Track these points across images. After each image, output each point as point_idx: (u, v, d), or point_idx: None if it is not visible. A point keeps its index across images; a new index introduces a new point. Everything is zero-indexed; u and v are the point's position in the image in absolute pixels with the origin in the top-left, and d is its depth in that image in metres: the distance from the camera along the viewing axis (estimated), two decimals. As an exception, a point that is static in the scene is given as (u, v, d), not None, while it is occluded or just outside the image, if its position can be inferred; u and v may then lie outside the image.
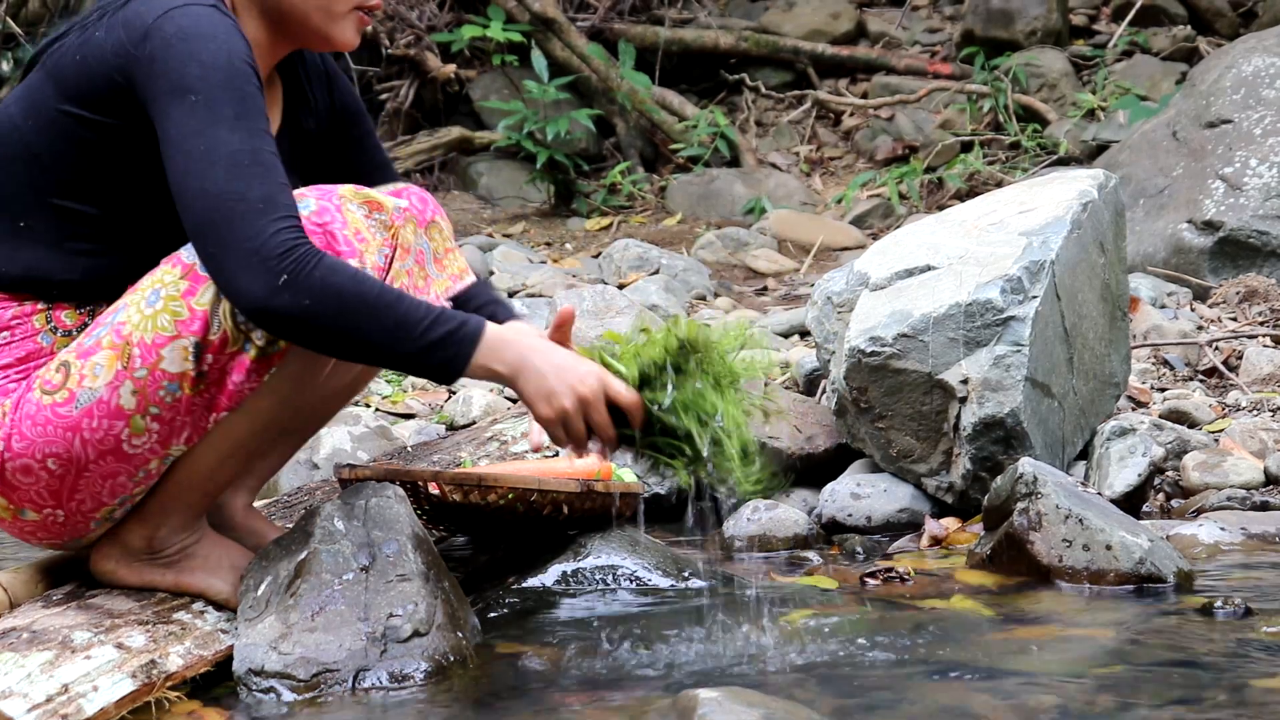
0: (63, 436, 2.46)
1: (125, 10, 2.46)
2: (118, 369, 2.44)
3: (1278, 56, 5.55)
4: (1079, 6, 8.62)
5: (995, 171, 7.30)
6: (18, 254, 2.51)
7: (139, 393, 2.44)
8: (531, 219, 7.59)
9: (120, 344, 2.44)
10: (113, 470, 2.49)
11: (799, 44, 8.55)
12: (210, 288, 2.40)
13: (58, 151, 2.48)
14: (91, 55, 2.46)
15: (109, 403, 2.45)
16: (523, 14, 8.12)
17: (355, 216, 2.51)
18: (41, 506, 2.51)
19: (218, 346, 2.43)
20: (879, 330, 3.28)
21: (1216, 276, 5.13)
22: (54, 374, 2.47)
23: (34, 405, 2.46)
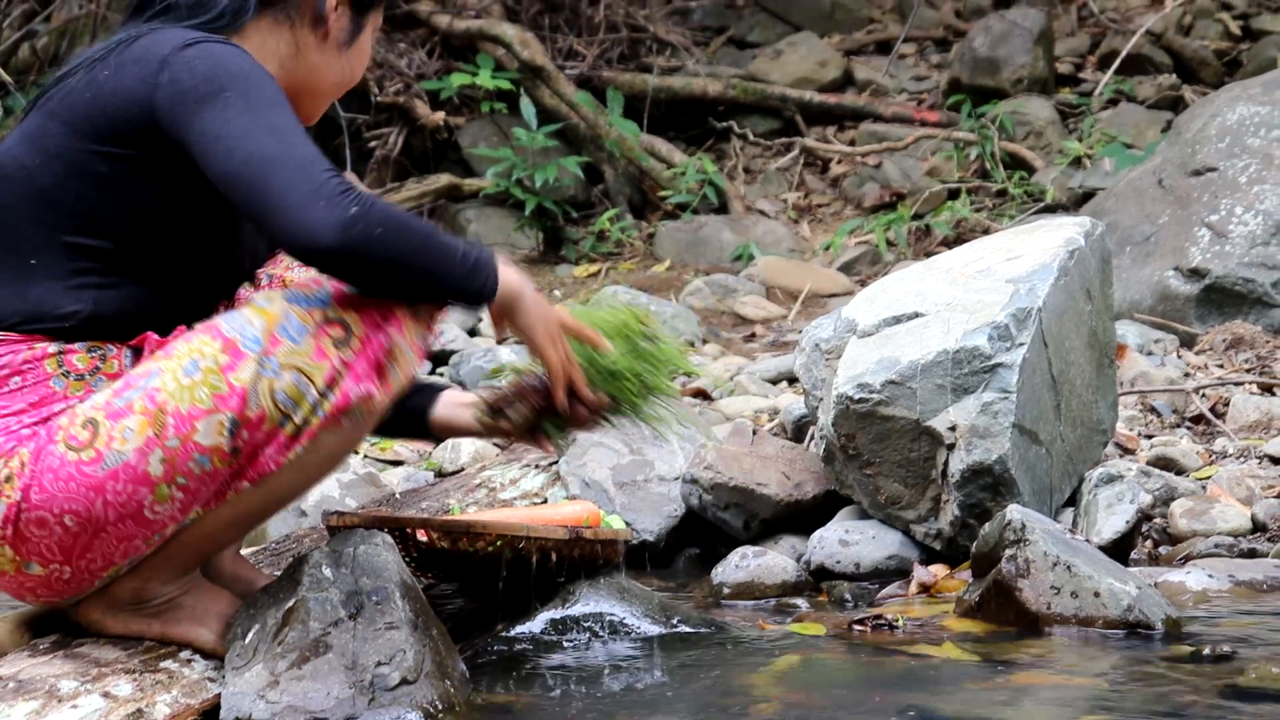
0: (85, 495, 2.44)
1: (133, 48, 2.50)
2: (149, 436, 2.43)
3: (1262, 105, 5.58)
4: (1064, 55, 8.66)
5: (982, 219, 7.32)
6: (28, 291, 2.50)
7: (168, 462, 2.44)
8: (520, 265, 7.60)
9: (154, 411, 2.43)
10: (130, 534, 2.48)
11: (787, 91, 8.59)
12: (250, 364, 2.43)
13: (69, 188, 2.50)
14: (103, 92, 2.49)
15: (136, 468, 2.44)
16: (511, 62, 8.15)
17: None
18: (49, 561, 2.49)
19: (255, 423, 2.45)
20: (867, 377, 3.29)
21: (1203, 324, 5.15)
22: (80, 430, 2.45)
23: (57, 459, 2.44)
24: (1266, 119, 5.51)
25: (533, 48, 8.17)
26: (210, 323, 2.48)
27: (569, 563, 2.90)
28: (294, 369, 2.44)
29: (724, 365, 5.25)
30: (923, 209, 7.57)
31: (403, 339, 2.52)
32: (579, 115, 8.08)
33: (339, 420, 2.49)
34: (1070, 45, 8.79)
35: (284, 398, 2.44)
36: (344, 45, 2.71)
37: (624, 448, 3.67)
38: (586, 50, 8.68)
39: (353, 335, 2.48)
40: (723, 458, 3.51)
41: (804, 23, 9.53)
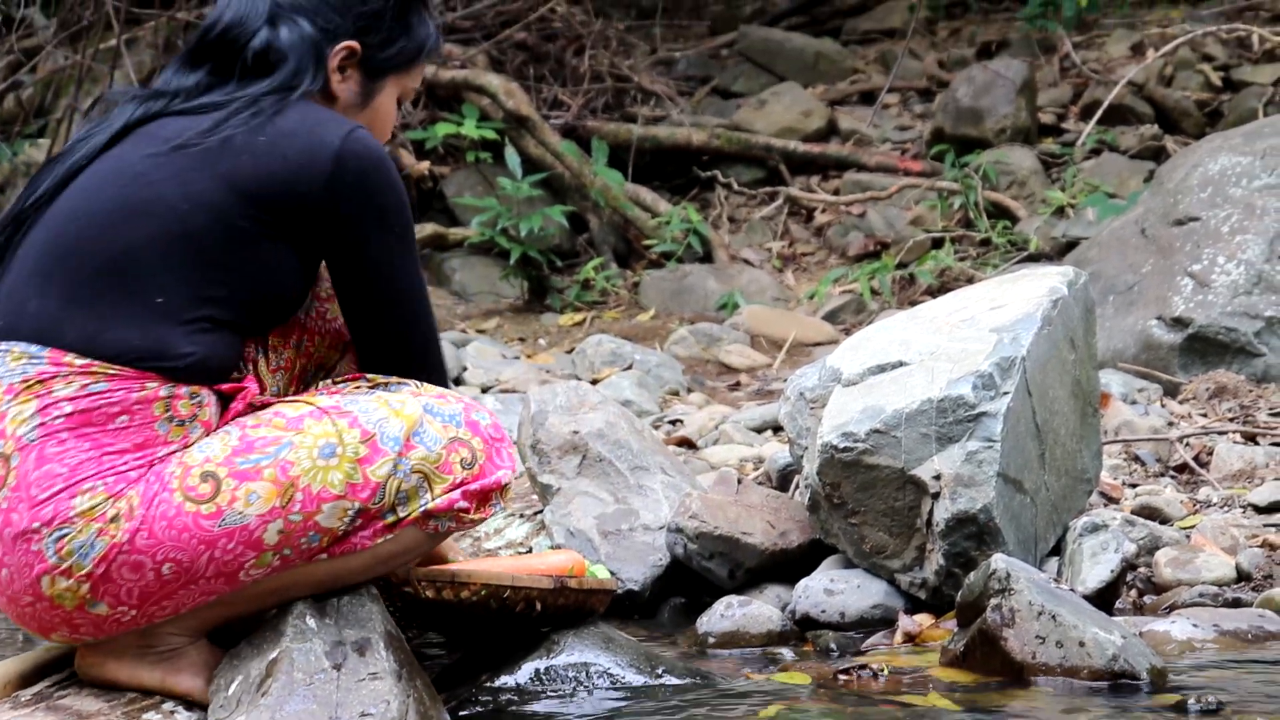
0: (194, 547, 2.47)
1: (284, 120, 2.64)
2: (275, 505, 2.50)
3: (1243, 155, 5.61)
4: (1047, 105, 8.71)
5: (966, 268, 7.34)
6: (151, 330, 2.54)
7: (285, 534, 2.50)
8: (505, 315, 7.61)
9: (285, 483, 2.49)
10: (215, 589, 2.52)
11: (771, 141, 8.62)
12: (388, 462, 2.57)
13: (212, 237, 2.57)
14: (266, 159, 2.61)
15: (253, 533, 2.49)
16: (497, 112, 8.18)
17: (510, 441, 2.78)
18: (120, 604, 2.50)
19: (373, 514, 2.57)
20: (851, 426, 3.29)
21: (1186, 373, 5.16)
22: (201, 483, 2.48)
23: (173, 508, 2.47)
24: (1248, 169, 5.54)
25: (518, 97, 8.20)
26: (341, 407, 2.60)
27: (554, 612, 2.89)
28: (422, 474, 2.60)
29: (709, 414, 5.25)
30: (907, 258, 7.59)
31: (513, 478, 2.70)
32: (564, 165, 8.10)
33: (429, 521, 2.63)
34: (1053, 96, 8.84)
35: (403, 495, 2.58)
36: (357, 108, 2.80)
37: (609, 497, 3.67)
38: (571, 100, 8.71)
39: (477, 461, 2.66)
40: (708, 507, 3.51)
41: (788, 73, 9.57)
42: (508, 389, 5.73)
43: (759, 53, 9.80)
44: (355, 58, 2.79)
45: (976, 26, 10.12)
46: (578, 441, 3.74)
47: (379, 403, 2.61)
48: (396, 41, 2.83)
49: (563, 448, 3.74)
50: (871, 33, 10.37)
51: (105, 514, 2.46)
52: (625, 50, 9.67)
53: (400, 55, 2.83)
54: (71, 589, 2.47)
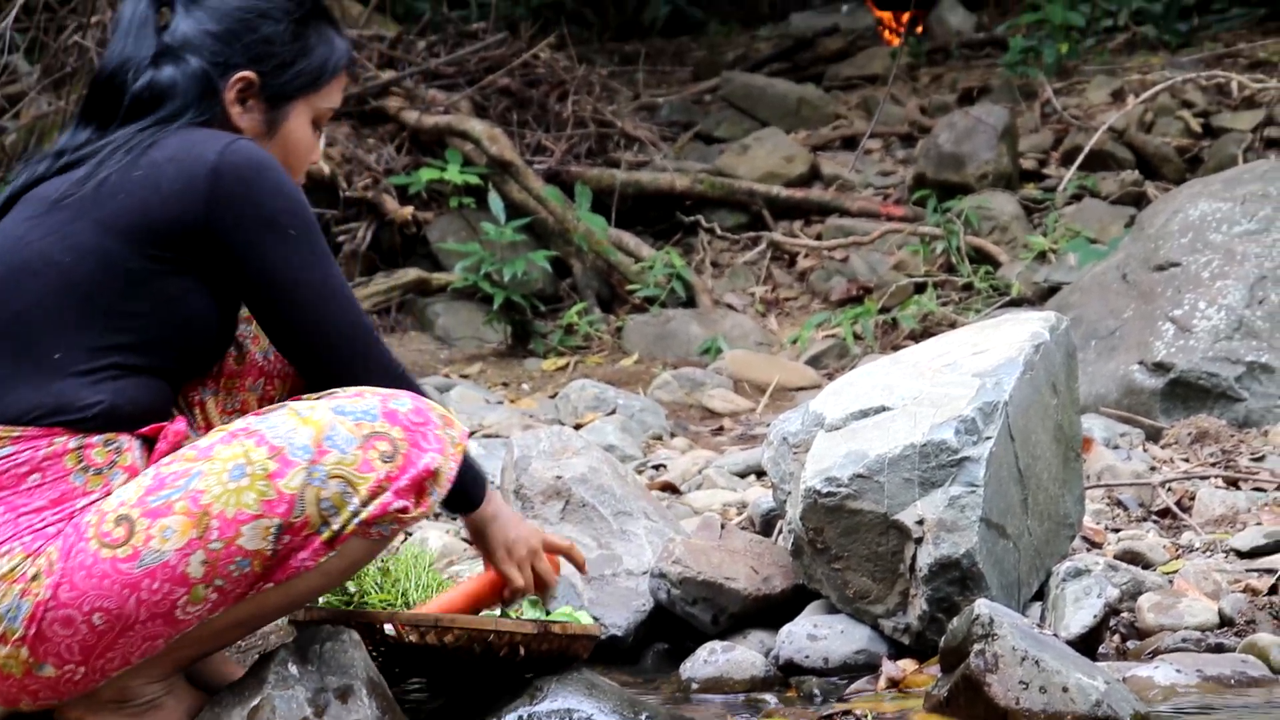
0: (118, 592, 2.43)
1: (158, 151, 2.56)
2: (191, 537, 2.45)
3: (1223, 202, 5.63)
4: (1028, 151, 8.74)
5: (948, 312, 7.36)
6: (50, 385, 2.51)
7: (209, 564, 2.45)
8: (488, 360, 7.61)
9: (197, 513, 2.45)
10: (155, 633, 2.47)
11: (754, 186, 8.64)
12: (300, 472, 2.48)
13: (101, 285, 2.53)
14: (140, 193, 2.54)
15: (175, 568, 2.44)
16: (480, 157, 8.19)
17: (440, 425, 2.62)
18: (65, 662, 2.46)
19: (297, 529, 2.49)
20: (835, 471, 3.29)
21: (1168, 417, 5.17)
22: (115, 528, 2.45)
23: (90, 556, 2.44)
24: (1228, 215, 5.57)
25: (501, 143, 8.22)
26: (249, 427, 2.53)
27: (538, 657, 2.89)
28: (341, 478, 2.50)
29: (692, 459, 5.25)
30: (889, 303, 7.60)
31: (445, 461, 2.57)
32: (547, 210, 8.11)
33: (370, 529, 2.54)
34: (1034, 141, 8.87)
35: (328, 505, 2.50)
36: (264, 138, 2.72)
37: (592, 542, 3.66)
38: (555, 145, 8.73)
39: (399, 452, 2.55)
40: (691, 552, 3.50)
41: (770, 119, 9.61)
42: (491, 434, 5.73)
43: (741, 98, 9.84)
44: (254, 88, 2.71)
45: (958, 73, 10.17)
46: (561, 487, 3.74)
47: (288, 414, 2.55)
48: (294, 64, 2.73)
49: (546, 493, 3.74)
50: (853, 79, 10.41)
51: (25, 574, 2.43)
52: (608, 96, 9.70)
53: (300, 78, 2.74)
54: (12, 655, 2.45)
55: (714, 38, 12.40)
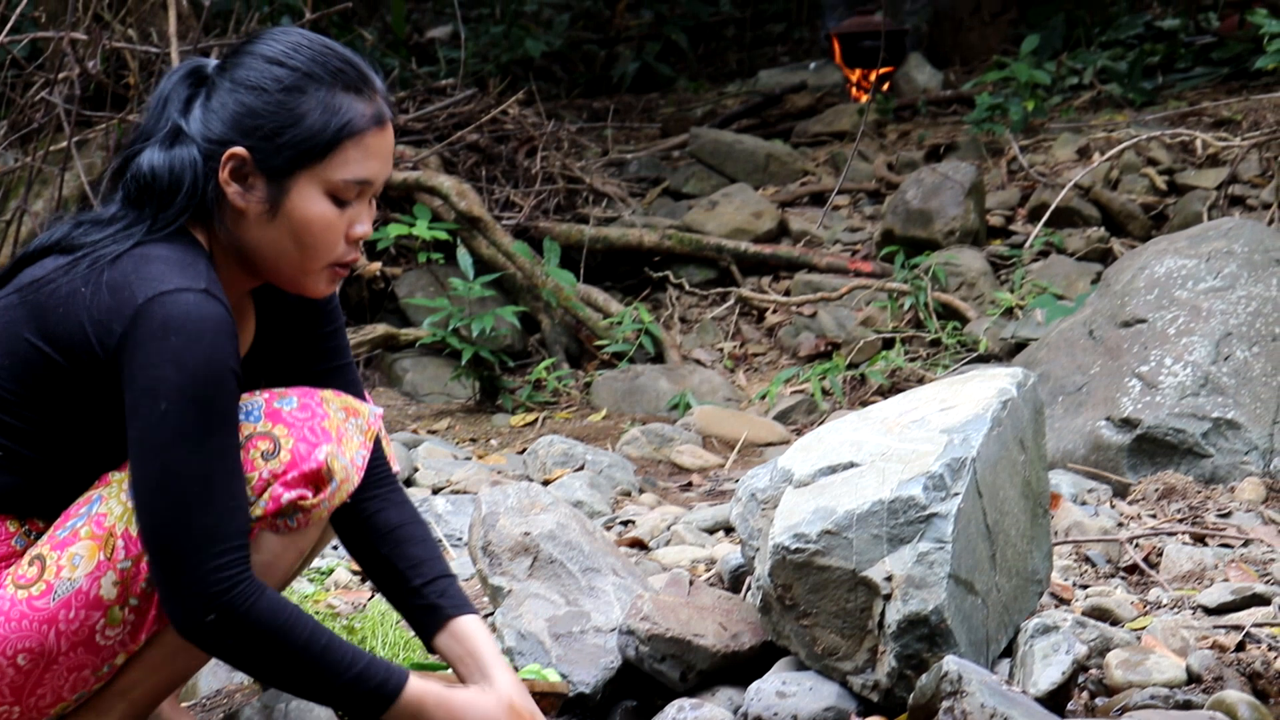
0: (38, 630, 2.45)
1: (113, 271, 2.51)
2: (100, 559, 2.46)
3: (1189, 258, 5.67)
4: (995, 208, 8.79)
5: (917, 368, 7.38)
6: None
7: (121, 584, 2.46)
8: (457, 415, 7.59)
9: (102, 535, 2.46)
10: (80, 662, 2.47)
11: (722, 242, 8.67)
12: None
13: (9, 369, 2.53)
14: (75, 308, 2.50)
15: (88, 593, 2.45)
16: (449, 212, 8.20)
17: (336, 417, 2.58)
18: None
19: None
20: (803, 527, 3.29)
21: (1135, 473, 5.18)
22: (28, 568, 2.46)
23: (7, 601, 2.45)
24: (1193, 272, 5.60)
25: (470, 199, 8.23)
26: None
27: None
28: None
29: (661, 515, 5.24)
30: (858, 358, 7.62)
31: (340, 451, 2.55)
32: (516, 265, 8.12)
33: (274, 523, 2.54)
34: (1001, 198, 8.92)
35: None
36: (267, 216, 2.62)
37: (560, 599, 3.65)
38: (523, 201, 8.74)
39: (281, 449, 2.54)
40: (659, 608, 3.49)
41: (738, 175, 9.64)
42: (459, 490, 5.71)
43: (710, 154, 9.88)
44: (248, 164, 2.60)
45: (925, 129, 10.23)
46: (529, 543, 3.73)
47: None
48: (282, 135, 2.59)
49: (514, 549, 3.73)
50: (821, 135, 10.47)
51: None
52: (577, 152, 9.73)
53: (293, 149, 2.59)
54: None
55: (682, 94, 12.46)
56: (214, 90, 2.62)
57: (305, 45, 2.63)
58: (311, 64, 2.61)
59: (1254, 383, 5.27)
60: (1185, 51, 10.93)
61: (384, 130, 2.65)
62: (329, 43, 2.66)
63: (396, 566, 2.81)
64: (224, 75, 2.62)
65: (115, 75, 8.05)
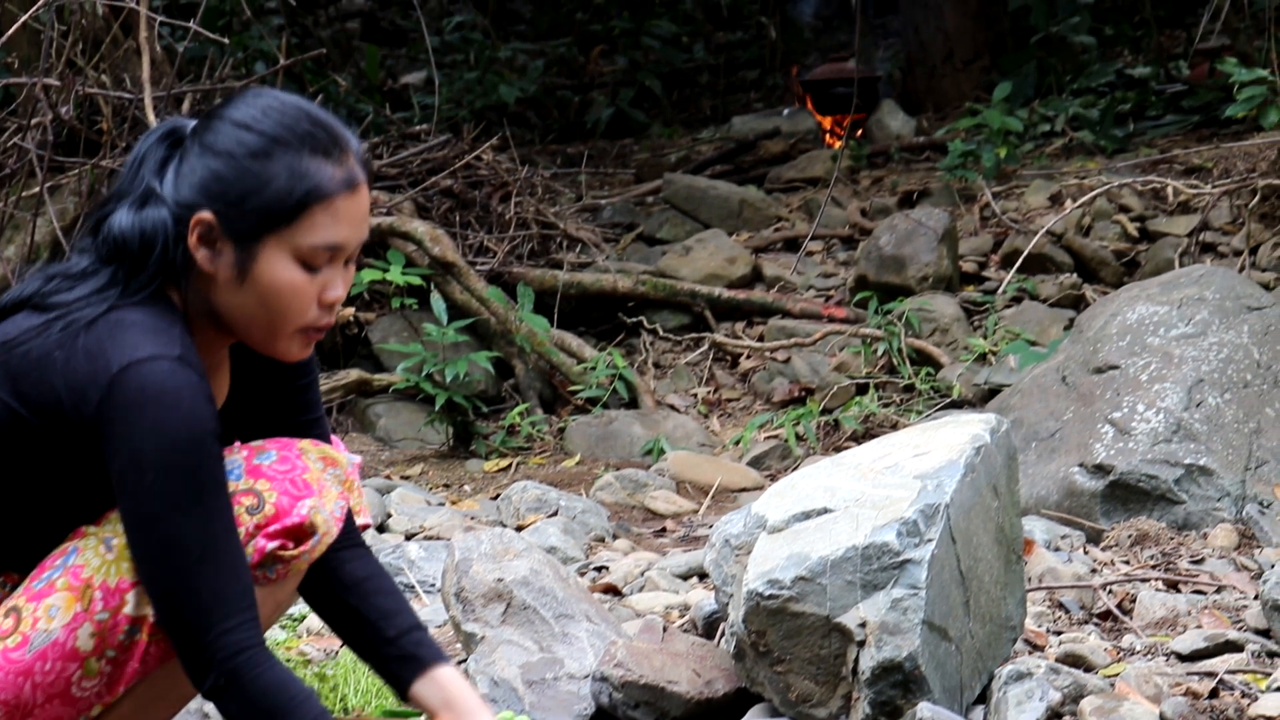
0: (13, 682, 2.44)
1: (88, 336, 2.48)
2: (77, 611, 2.45)
3: (1161, 305, 5.69)
4: (968, 254, 8.82)
5: (890, 414, 7.38)
6: None
7: (98, 635, 2.46)
8: (430, 461, 7.57)
9: (79, 586, 2.46)
10: (56, 715, 2.47)
11: (696, 288, 8.67)
12: None
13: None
14: (49, 373, 2.49)
15: (65, 644, 2.45)
16: (422, 258, 8.20)
17: (315, 468, 2.58)
18: None
19: None
20: (777, 573, 3.29)
21: (1109, 519, 5.19)
22: (3, 620, 2.46)
23: None
24: (1165, 318, 5.62)
25: (443, 244, 8.23)
26: None
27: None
28: None
29: (634, 561, 5.23)
30: (831, 404, 7.62)
31: (321, 504, 2.55)
32: (489, 311, 8.11)
33: (255, 574, 2.53)
34: (974, 244, 8.95)
35: None
36: (235, 281, 2.59)
37: (534, 645, 3.64)
38: (497, 247, 8.74)
39: (266, 502, 2.55)
40: (633, 655, 3.48)
41: (712, 220, 9.66)
42: (432, 536, 5.70)
43: (684, 200, 9.90)
44: (215, 230, 2.57)
45: (898, 176, 10.26)
46: (502, 589, 3.72)
47: None
48: (249, 199, 2.55)
49: (487, 595, 3.71)
50: (795, 181, 10.49)
51: None
52: (551, 197, 9.74)
53: (260, 214, 2.55)
54: None
55: (656, 140, 12.49)
56: (186, 153, 2.60)
57: (275, 109, 2.59)
58: (279, 128, 2.57)
59: (1226, 429, 5.28)
60: (1156, 99, 11.00)
61: (355, 194, 2.61)
62: (304, 105, 2.62)
63: (368, 617, 2.80)
64: (195, 138, 2.60)
65: (88, 121, 8.04)
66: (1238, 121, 9.51)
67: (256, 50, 11.90)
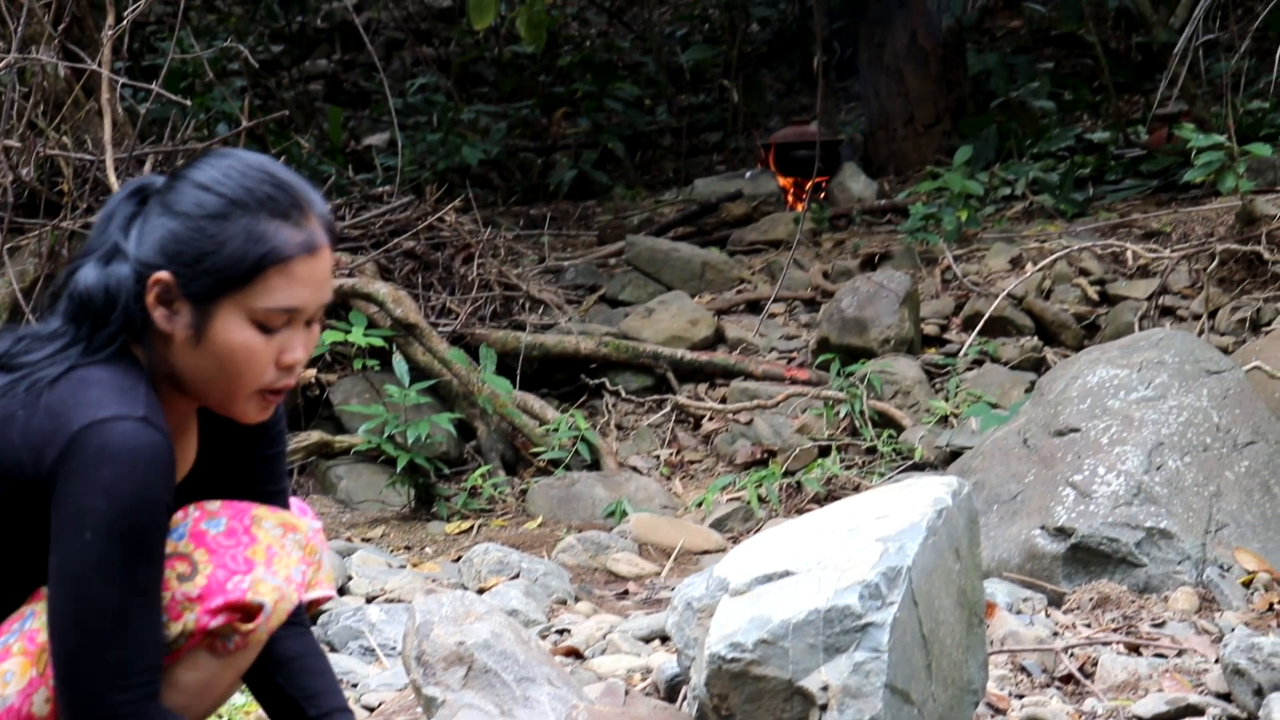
0: None
1: (51, 394, 2.47)
2: (32, 676, 2.44)
3: (1121, 368, 5.71)
4: (930, 316, 8.85)
5: (853, 476, 7.39)
6: None
7: (53, 700, 2.43)
8: (391, 523, 7.54)
9: (35, 651, 2.44)
10: None
11: (659, 349, 8.68)
12: None
13: None
14: (10, 431, 2.48)
15: (19, 710, 2.43)
16: (385, 319, 8.19)
17: (269, 536, 2.56)
18: None
19: None
20: (739, 636, 3.28)
21: (1070, 582, 5.19)
22: None
23: None
24: (1125, 381, 5.65)
25: (406, 305, 8.23)
26: None
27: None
28: None
29: (596, 623, 5.21)
30: (794, 466, 7.63)
31: (269, 574, 2.54)
32: (452, 372, 8.11)
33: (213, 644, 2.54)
34: (935, 307, 8.99)
35: None
36: (192, 342, 2.58)
37: (495, 709, 3.62)
38: (460, 308, 8.74)
39: (198, 573, 2.53)
40: (595, 719, 3.47)
41: (675, 282, 9.68)
42: (393, 598, 5.67)
43: (647, 262, 9.92)
44: (172, 290, 2.57)
45: (860, 238, 10.31)
46: (463, 652, 3.70)
47: None
48: (205, 261, 2.55)
49: (448, 659, 3.69)
50: (757, 243, 10.53)
51: None
52: (514, 259, 9.75)
53: (216, 275, 2.55)
54: None
55: (619, 202, 12.53)
56: (149, 212, 2.60)
57: (237, 171, 2.59)
58: (239, 190, 2.57)
59: (1186, 492, 5.30)
60: (1115, 164, 11.09)
61: (315, 257, 2.60)
62: (268, 167, 2.62)
63: (292, 696, 2.79)
64: (159, 197, 2.60)
65: (49, 182, 8.03)
66: (1195, 186, 9.60)
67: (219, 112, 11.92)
